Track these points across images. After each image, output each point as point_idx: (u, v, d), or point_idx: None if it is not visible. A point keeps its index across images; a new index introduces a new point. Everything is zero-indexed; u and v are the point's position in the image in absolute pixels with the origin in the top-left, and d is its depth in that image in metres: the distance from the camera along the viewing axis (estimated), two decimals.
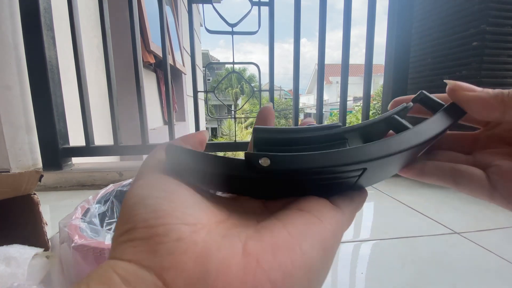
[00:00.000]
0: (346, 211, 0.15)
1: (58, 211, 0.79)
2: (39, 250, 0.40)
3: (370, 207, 0.80)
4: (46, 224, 0.46)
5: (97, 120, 1.18)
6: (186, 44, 3.71)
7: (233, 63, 1.13)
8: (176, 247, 0.11)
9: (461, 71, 0.97)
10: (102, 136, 1.46)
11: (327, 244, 0.13)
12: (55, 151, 1.00)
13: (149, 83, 2.54)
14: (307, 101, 21.91)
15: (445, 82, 0.18)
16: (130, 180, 0.62)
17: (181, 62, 3.46)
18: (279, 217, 0.14)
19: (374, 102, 5.17)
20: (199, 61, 5.89)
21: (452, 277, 0.48)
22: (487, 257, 0.54)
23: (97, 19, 1.15)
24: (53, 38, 0.98)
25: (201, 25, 2.07)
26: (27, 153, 0.97)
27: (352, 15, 1.07)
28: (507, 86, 0.96)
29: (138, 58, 1.02)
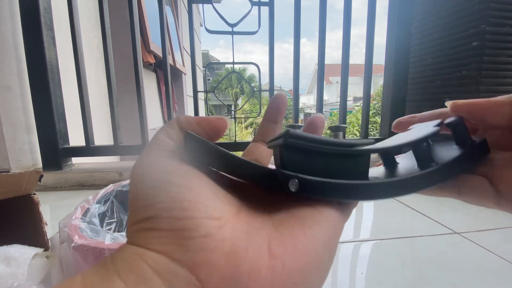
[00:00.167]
0: (345, 209, 0.16)
1: (58, 211, 0.79)
2: (39, 250, 0.40)
3: (370, 207, 0.80)
4: (46, 224, 0.46)
5: (97, 120, 1.18)
6: (186, 44, 3.71)
7: (233, 63, 1.13)
8: (205, 243, 0.11)
9: (461, 71, 0.97)
10: (102, 136, 1.46)
11: (333, 244, 0.14)
12: (55, 151, 1.00)
13: (149, 83, 2.53)
14: (307, 101, 21.89)
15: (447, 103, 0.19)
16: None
17: (181, 62, 3.45)
18: (292, 212, 0.14)
19: (374, 102, 5.16)
20: (199, 61, 5.89)
21: (452, 277, 0.48)
22: (487, 257, 0.54)
23: (97, 19, 1.15)
24: (53, 38, 0.98)
25: (201, 25, 2.06)
26: (27, 153, 0.97)
27: (352, 15, 1.07)
28: (507, 86, 0.96)
29: (138, 58, 1.02)
